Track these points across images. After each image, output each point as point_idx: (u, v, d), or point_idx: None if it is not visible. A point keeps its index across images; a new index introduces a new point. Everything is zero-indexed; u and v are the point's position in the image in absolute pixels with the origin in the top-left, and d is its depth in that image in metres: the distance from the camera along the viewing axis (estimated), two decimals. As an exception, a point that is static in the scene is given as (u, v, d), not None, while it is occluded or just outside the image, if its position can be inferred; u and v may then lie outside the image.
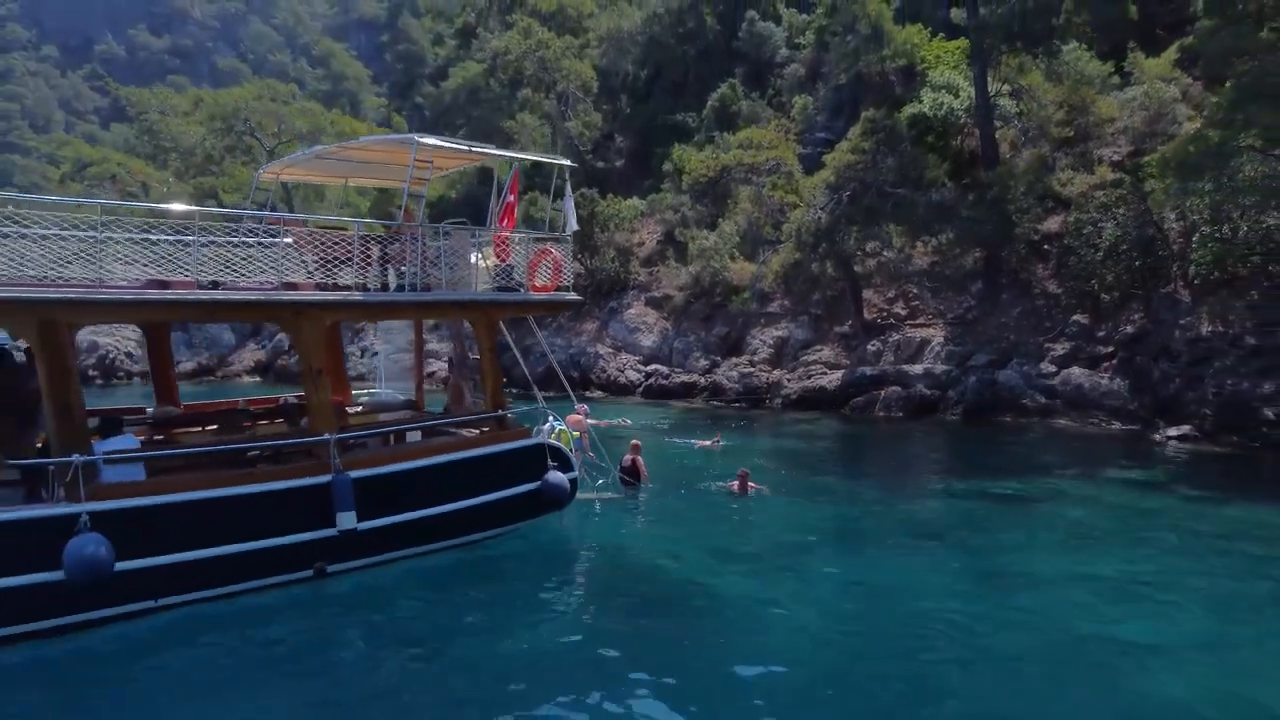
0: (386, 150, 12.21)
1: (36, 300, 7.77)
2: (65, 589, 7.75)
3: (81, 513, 7.73)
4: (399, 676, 7.80)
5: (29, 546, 7.63)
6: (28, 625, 7.82)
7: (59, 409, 7.88)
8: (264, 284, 9.41)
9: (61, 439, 7.90)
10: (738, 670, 8.04)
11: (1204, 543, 12.81)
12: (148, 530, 8.15)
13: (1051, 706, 7.53)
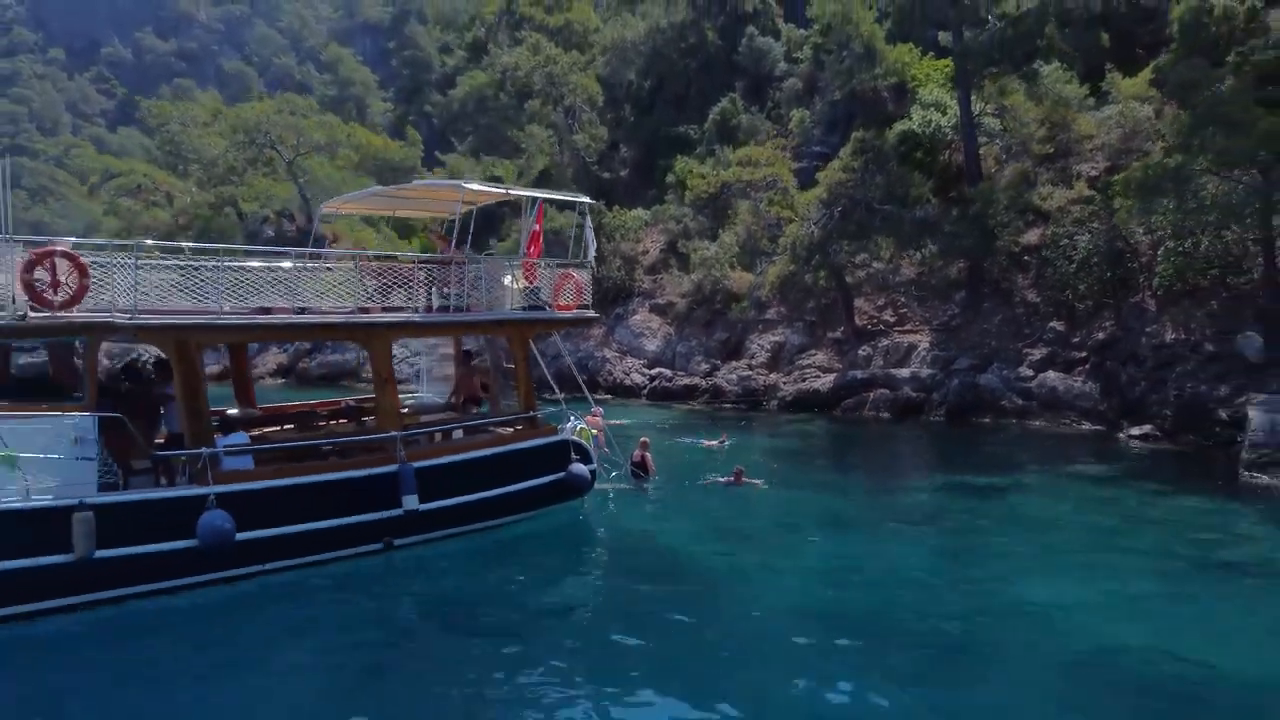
0: (432, 191, 14.11)
1: (174, 325, 9.69)
2: (197, 554, 9.68)
3: (210, 494, 9.66)
4: (451, 633, 9.71)
5: (170, 520, 9.53)
6: (167, 582, 9.72)
7: (191, 411, 9.81)
8: (340, 308, 11.33)
9: (193, 435, 9.84)
10: (728, 625, 9.94)
11: (1145, 527, 14.66)
12: (258, 508, 10.06)
13: (1000, 651, 9.37)
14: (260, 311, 10.51)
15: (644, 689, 8.22)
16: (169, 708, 7.68)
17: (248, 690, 8.04)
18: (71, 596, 9.23)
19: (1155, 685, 8.53)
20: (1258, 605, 10.98)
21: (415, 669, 8.74)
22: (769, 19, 50.20)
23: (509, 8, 49.29)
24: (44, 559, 8.88)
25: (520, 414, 13.46)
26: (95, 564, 9.05)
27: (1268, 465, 16.81)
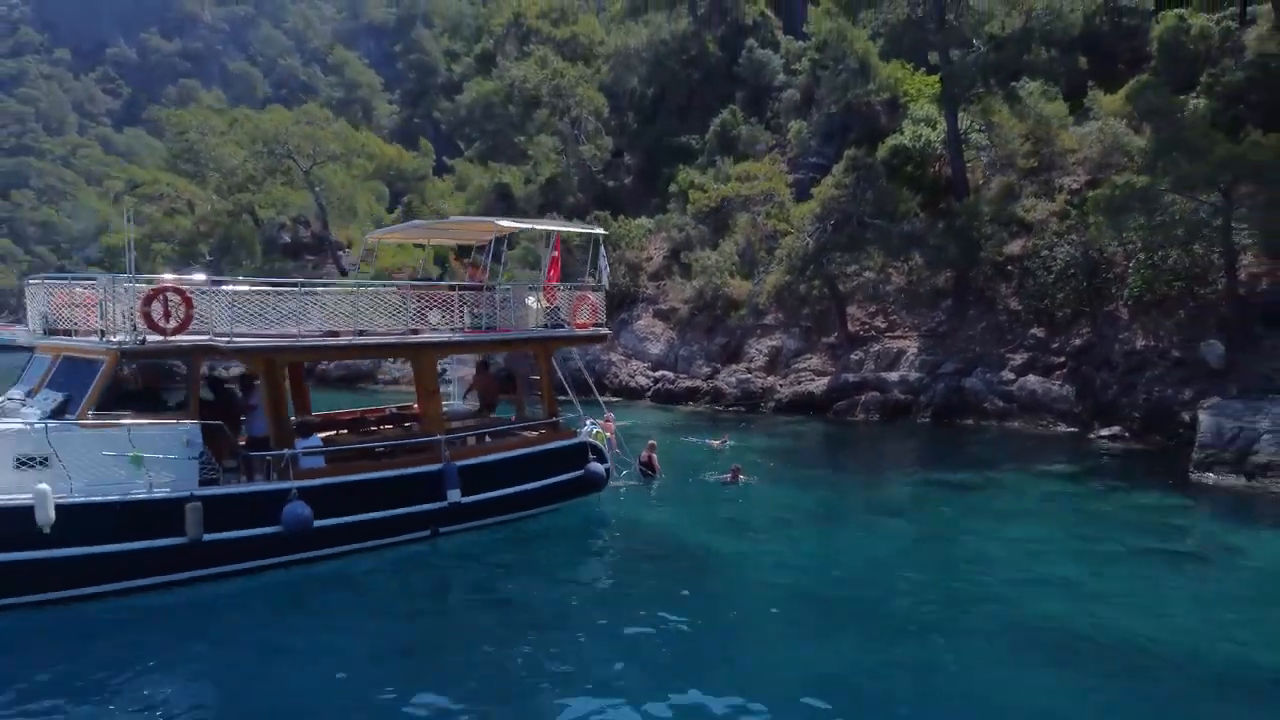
0: (466, 225, 15.96)
1: (263, 348, 11.53)
2: (281, 539, 11.51)
3: (292, 488, 11.49)
4: (488, 607, 11.53)
5: (261, 509, 11.35)
6: (253, 563, 11.56)
7: (276, 418, 11.67)
8: (393, 329, 13.18)
9: (278, 438, 11.69)
10: (724, 600, 11.76)
11: (1099, 520, 16.44)
12: (331, 500, 11.89)
13: (964, 619, 11.15)
14: (329, 334, 12.36)
15: (650, 654, 10.02)
16: (261, 667, 9.51)
17: (323, 651, 9.91)
18: (184, 573, 11.06)
19: (1097, 648, 10.27)
20: (1189, 585, 12.81)
21: (459, 636, 10.60)
22: (768, 31, 51.93)
23: (517, 20, 50.98)
24: (163, 541, 10.72)
25: (545, 419, 15.34)
26: (203, 546, 10.90)
27: (1214, 465, 18.59)
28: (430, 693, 8.69)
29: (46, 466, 10.07)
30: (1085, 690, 9.18)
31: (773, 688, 9.03)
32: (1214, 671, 9.73)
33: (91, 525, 10.20)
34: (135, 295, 10.81)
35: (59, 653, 9.50)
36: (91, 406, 10.60)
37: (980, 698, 8.97)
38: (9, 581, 10.03)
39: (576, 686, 9.12)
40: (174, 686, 8.98)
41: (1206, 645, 10.34)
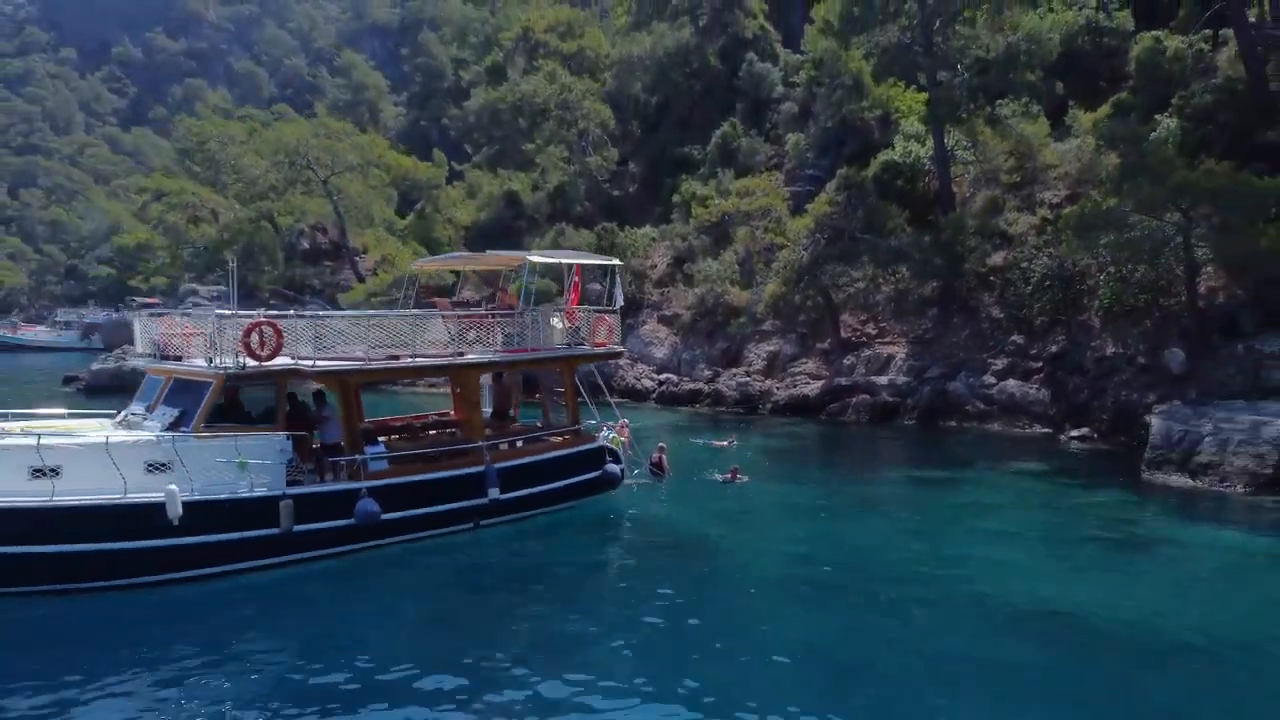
0: (502, 258, 18.18)
1: (339, 371, 13.75)
2: (352, 529, 13.71)
3: (363, 486, 13.71)
4: (522, 585, 13.70)
5: (338, 505, 13.57)
6: (332, 549, 13.79)
7: (349, 429, 13.87)
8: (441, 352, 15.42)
9: (351, 444, 13.91)
10: (723, 581, 13.93)
11: (1061, 511, 18.59)
12: (394, 497, 14.10)
13: (937, 597, 13.25)
14: (391, 358, 14.56)
15: (656, 623, 12.15)
16: (337, 630, 11.71)
17: (385, 618, 12.19)
18: (277, 557, 13.27)
19: (1048, 621, 12.37)
20: (1130, 570, 14.95)
21: (496, 608, 12.83)
22: (767, 44, 53.97)
23: (525, 34, 53.02)
24: (262, 531, 12.94)
25: (568, 427, 17.57)
26: (293, 535, 13.12)
27: (1163, 464, 20.75)
28: (470, 653, 10.90)
29: (170, 470, 12.27)
30: (1037, 654, 11.31)
31: (765, 653, 11.19)
32: (1141, 639, 11.81)
33: (209, 518, 12.40)
34: (237, 327, 13.00)
35: (191, 617, 11.83)
36: (203, 420, 12.79)
37: (948, 658, 11.09)
38: (149, 563, 12.27)
39: (592, 647, 11.32)
40: (271, 644, 11.28)
41: (1139, 618, 12.44)
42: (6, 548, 11.40)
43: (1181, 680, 10.76)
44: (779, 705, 9.66)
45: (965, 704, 9.89)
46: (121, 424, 13.48)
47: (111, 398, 37.94)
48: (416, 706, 9.49)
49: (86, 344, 71.45)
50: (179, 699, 9.67)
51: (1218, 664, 11.18)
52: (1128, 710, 9.94)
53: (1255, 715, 9.95)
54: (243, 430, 13.03)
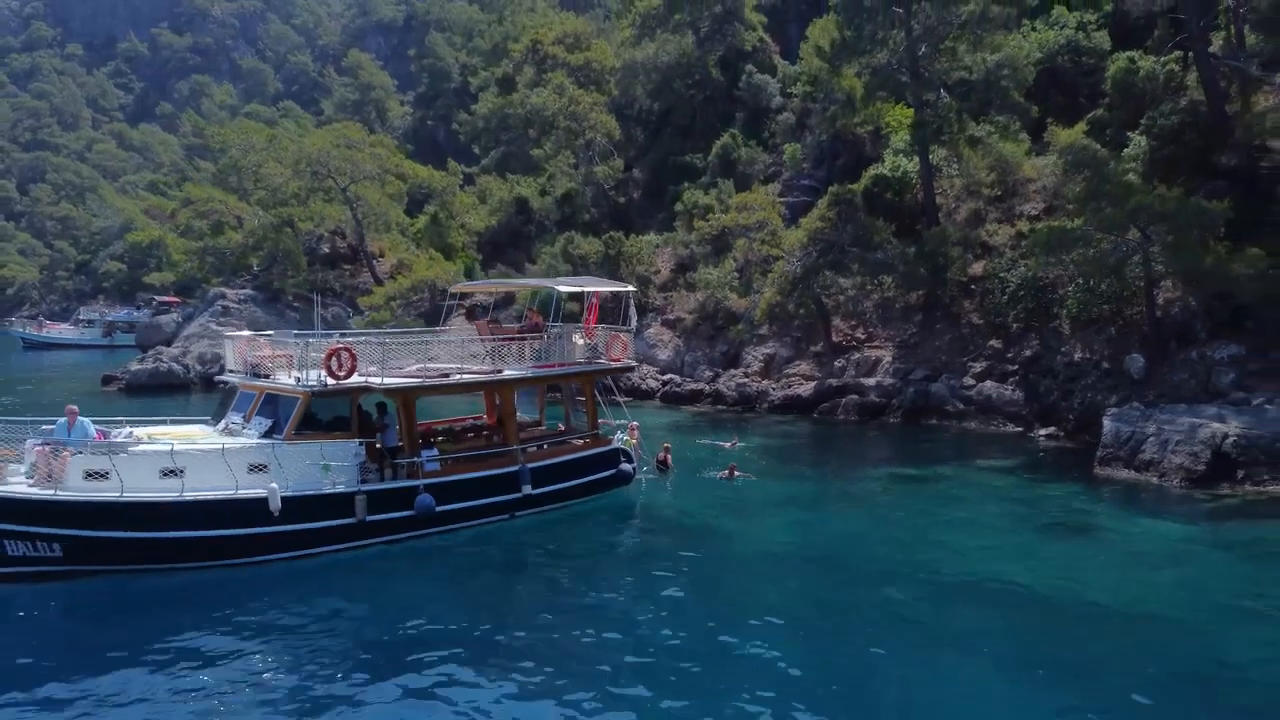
0: (532, 287, 20.82)
1: (401, 387, 16.42)
2: (412, 519, 16.37)
3: (420, 484, 16.38)
4: (552, 566, 16.40)
5: (401, 499, 16.23)
6: (396, 536, 16.45)
7: (409, 435, 16.55)
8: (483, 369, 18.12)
9: (410, 447, 16.59)
10: (721, 562, 16.59)
11: (1020, 501, 21.16)
12: (446, 492, 16.76)
13: (908, 573, 15.86)
14: (443, 375, 17.23)
15: (663, 596, 14.80)
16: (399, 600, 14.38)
17: (438, 592, 14.91)
18: (353, 542, 15.95)
19: (1000, 592, 15.00)
20: (1074, 550, 17.55)
21: (529, 585, 15.60)
22: (766, 56, 56.43)
23: (534, 47, 55.44)
24: (342, 520, 15.62)
25: (588, 431, 20.27)
26: (365, 524, 15.80)
27: (1112, 461, 23.37)
28: (508, 617, 13.60)
29: (268, 470, 14.92)
30: (987, 621, 13.89)
31: (758, 620, 13.81)
32: (1073, 608, 14.38)
33: (301, 510, 15.05)
34: (319, 351, 15.67)
35: (286, 589, 14.57)
36: (293, 429, 15.44)
37: (912, 623, 13.71)
38: (255, 546, 14.97)
39: (611, 614, 14.00)
40: (347, 610, 14.01)
41: (1073, 591, 15.05)
42: (145, 533, 14.07)
43: (1102, 640, 13.29)
44: (770, 659, 12.31)
45: (924, 659, 12.50)
46: (223, 431, 16.14)
47: (152, 397, 40.70)
48: (464, 658, 12.12)
49: (109, 341, 74.07)
50: (279, 651, 12.43)
51: (1131, 627, 13.75)
52: (1056, 661, 12.44)
53: (1154, 664, 12.45)
54: (323, 437, 15.70)
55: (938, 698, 11.38)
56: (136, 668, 11.66)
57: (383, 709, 10.68)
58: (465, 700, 10.93)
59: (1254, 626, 14.09)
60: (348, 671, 11.66)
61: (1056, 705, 11.13)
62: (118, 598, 14.03)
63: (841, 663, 12.56)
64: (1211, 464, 21.90)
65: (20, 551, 13.77)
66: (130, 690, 11.04)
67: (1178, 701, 11.31)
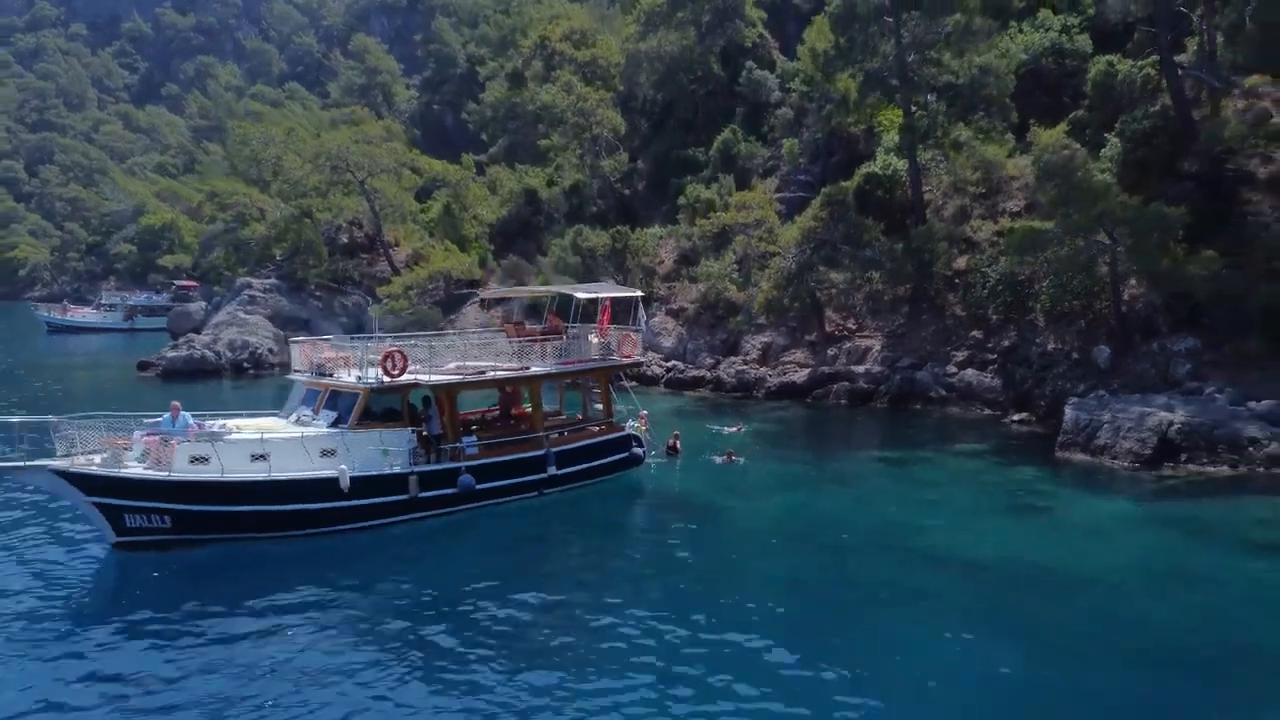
0: (552, 291, 23.45)
1: (444, 383, 19.13)
2: (456, 495, 19.08)
3: (462, 466, 19.09)
4: (575, 536, 19.16)
5: (446, 479, 18.94)
6: (443, 510, 19.15)
7: (452, 423, 19.26)
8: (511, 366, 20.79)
9: (452, 434, 19.30)
10: (722, 534, 19.32)
11: (986, 481, 23.86)
12: (483, 473, 19.48)
13: (885, 544, 18.53)
14: (478, 372, 19.93)
15: (669, 562, 17.52)
16: (447, 561, 17.12)
17: (475, 556, 17.62)
18: (407, 515, 18.70)
19: (965, 560, 17.68)
20: (1030, 524, 20.31)
21: (552, 552, 18.38)
22: (765, 51, 58.56)
23: (542, 43, 57.58)
24: (398, 497, 18.36)
25: (603, 419, 22.98)
26: (418, 499, 18.54)
27: (1071, 445, 26.02)
28: (537, 577, 16.43)
29: (337, 455, 17.63)
30: (948, 583, 16.56)
31: (753, 580, 16.54)
32: (1024, 574, 17.08)
33: (365, 488, 17.78)
34: (377, 353, 18.36)
35: (353, 555, 17.26)
36: (356, 420, 18.16)
37: (885, 585, 16.39)
38: (328, 518, 17.73)
39: (626, 574, 16.78)
40: (404, 572, 16.75)
41: (1026, 559, 17.74)
42: (239, 507, 16.81)
43: (1048, 601, 15.94)
44: (764, 613, 15.03)
45: (894, 615, 15.22)
46: (295, 422, 18.84)
47: (187, 383, 43.25)
48: (501, 611, 14.80)
49: (130, 325, 76.67)
50: (350, 602, 15.20)
51: (1074, 590, 16.36)
52: (1007, 618, 15.13)
53: (1091, 621, 14.98)
54: (380, 426, 18.42)
55: (904, 645, 13.99)
56: (230, 618, 14.40)
57: (434, 655, 13.33)
58: (500, 644, 13.62)
59: (1179, 590, 16.80)
60: (405, 622, 14.39)
61: (1004, 653, 13.67)
62: (216, 562, 16.81)
63: (823, 616, 15.28)
64: (1157, 448, 24.57)
65: (138, 523, 16.51)
66: (224, 636, 13.75)
67: (1111, 652, 13.78)
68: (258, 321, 48.16)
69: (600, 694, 12.05)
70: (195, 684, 12.14)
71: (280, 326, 48.96)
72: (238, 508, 16.78)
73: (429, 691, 12.09)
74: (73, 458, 16.18)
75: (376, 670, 12.66)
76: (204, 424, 17.53)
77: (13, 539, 17.81)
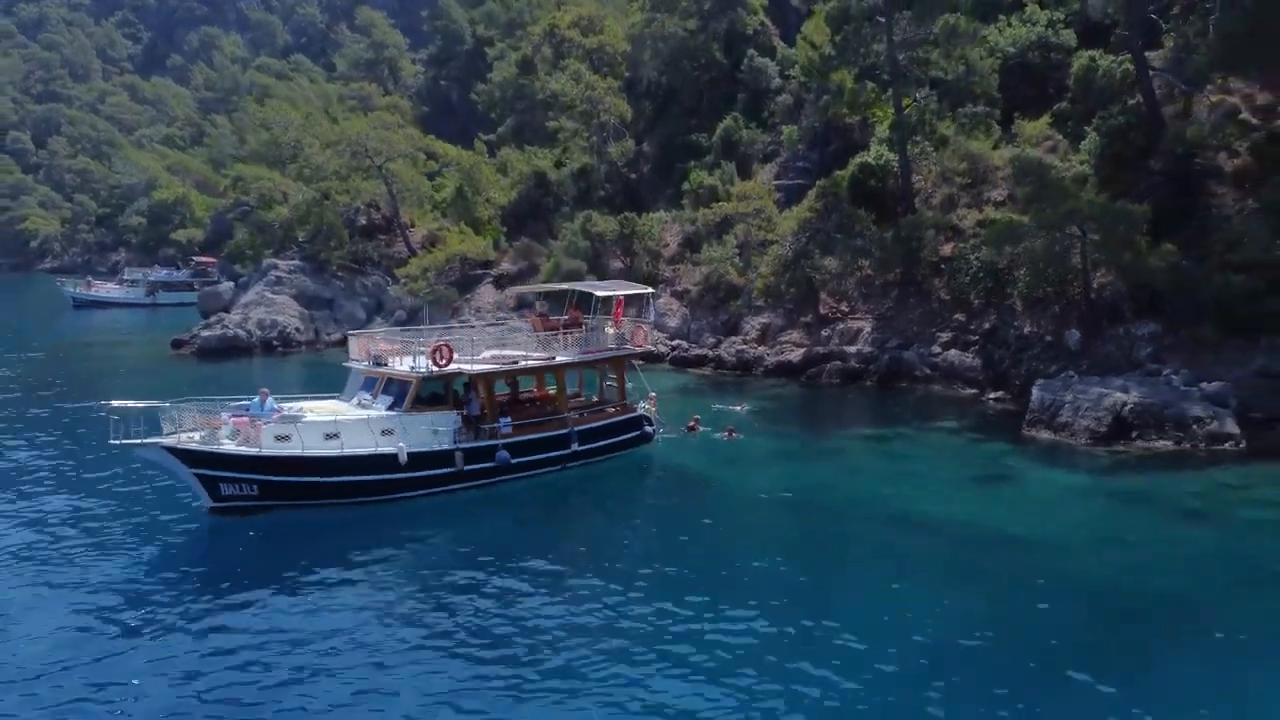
0: (574, 288, 26.31)
1: (483, 372, 22.09)
2: (494, 468, 22.12)
3: (499, 443, 22.12)
4: (593, 505, 22.27)
5: (486, 454, 21.98)
6: (483, 481, 22.17)
7: (491, 406, 22.28)
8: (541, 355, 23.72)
9: (491, 416, 22.30)
10: (723, 499, 22.40)
11: (960, 454, 26.84)
12: (518, 449, 22.49)
13: (867, 511, 21.53)
14: (512, 361, 22.89)
15: (679, 525, 20.56)
16: (489, 525, 20.18)
17: (517, 519, 20.81)
18: (453, 485, 21.73)
19: (938, 524, 20.70)
20: (994, 493, 23.31)
21: (576, 515, 21.74)
22: (766, 38, 60.71)
23: (551, 30, 59.79)
24: (446, 469, 21.39)
25: (619, 401, 26.01)
26: (463, 472, 21.59)
27: (1037, 423, 28.94)
28: (563, 538, 19.72)
29: (394, 434, 20.65)
30: (917, 543, 19.58)
31: (750, 542, 19.57)
32: (984, 536, 20.01)
33: (419, 462, 20.82)
34: (427, 346, 21.33)
35: (410, 521, 20.34)
36: (410, 403, 21.16)
37: (861, 543, 19.56)
38: (388, 488, 20.78)
39: (638, 537, 19.96)
40: (451, 535, 19.90)
41: (987, 524, 20.69)
42: (316, 478, 19.88)
43: (1005, 559, 18.80)
44: (761, 568, 18.07)
45: (871, 569, 18.29)
46: (357, 405, 21.87)
47: (220, 361, 46.11)
48: (534, 563, 17.83)
49: (152, 300, 79.51)
50: (408, 557, 18.38)
51: (1027, 551, 19.18)
52: (967, 574, 18.04)
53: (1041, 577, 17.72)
54: (429, 409, 21.44)
55: (879, 594, 16.97)
56: (309, 570, 17.48)
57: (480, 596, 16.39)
58: (532, 588, 16.70)
59: (1114, 550, 19.68)
60: (459, 571, 17.45)
61: (963, 601, 16.64)
62: (296, 524, 19.92)
63: (810, 569, 18.32)
64: (1112, 426, 27.51)
65: (231, 491, 19.61)
66: (304, 584, 16.82)
67: (1051, 600, 16.65)
68: (284, 301, 50.93)
69: (619, 618, 15.21)
70: (280, 619, 15.25)
71: (305, 306, 51.83)
72: (314, 478, 19.85)
73: (478, 625, 15.22)
74: (177, 435, 19.19)
75: (435, 612, 15.78)
76: (283, 408, 20.55)
77: (129, 503, 21.12)
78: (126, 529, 19.46)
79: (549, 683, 13.27)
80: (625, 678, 13.41)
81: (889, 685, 13.48)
